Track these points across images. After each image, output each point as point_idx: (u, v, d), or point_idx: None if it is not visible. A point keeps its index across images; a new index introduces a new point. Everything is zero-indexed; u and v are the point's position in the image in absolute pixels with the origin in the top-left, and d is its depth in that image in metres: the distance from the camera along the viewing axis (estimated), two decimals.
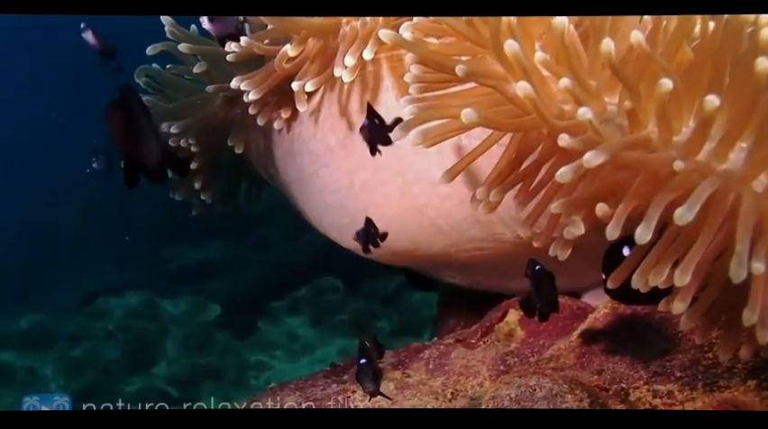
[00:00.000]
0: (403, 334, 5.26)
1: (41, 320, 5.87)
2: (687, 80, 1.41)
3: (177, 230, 6.11)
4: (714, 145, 1.34)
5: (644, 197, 1.36)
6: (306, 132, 2.06)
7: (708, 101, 1.25)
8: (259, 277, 6.00)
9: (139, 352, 5.37)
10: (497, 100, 1.49)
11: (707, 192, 1.28)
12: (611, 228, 1.33)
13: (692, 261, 1.31)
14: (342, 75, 1.81)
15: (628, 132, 1.39)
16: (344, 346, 5.27)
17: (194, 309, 5.79)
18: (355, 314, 5.40)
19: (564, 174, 1.32)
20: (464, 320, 2.27)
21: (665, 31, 1.46)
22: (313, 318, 5.54)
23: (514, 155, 1.53)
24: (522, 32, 1.51)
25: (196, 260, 6.46)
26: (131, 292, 5.90)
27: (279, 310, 5.59)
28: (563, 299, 1.90)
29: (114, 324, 5.62)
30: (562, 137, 1.35)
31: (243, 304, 5.66)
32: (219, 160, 2.44)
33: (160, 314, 5.74)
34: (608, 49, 1.30)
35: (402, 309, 5.40)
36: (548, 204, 1.48)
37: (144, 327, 5.58)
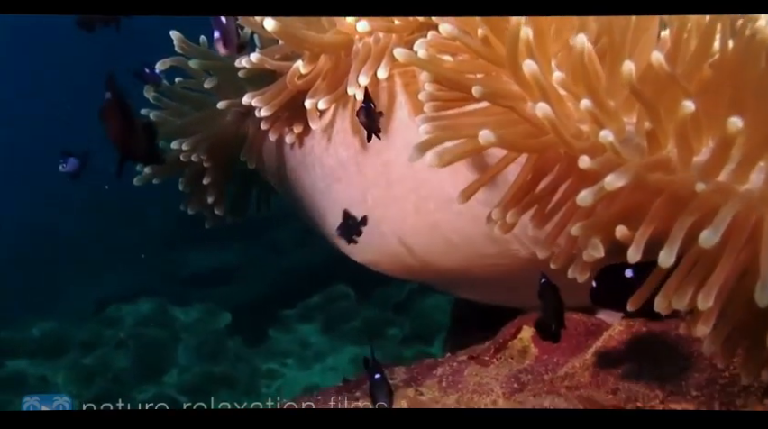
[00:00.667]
0: (414, 342, 5.26)
1: (53, 328, 5.87)
2: (706, 99, 1.38)
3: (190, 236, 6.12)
4: (734, 166, 1.32)
5: (663, 219, 1.34)
6: (318, 146, 2.06)
7: (732, 123, 1.22)
8: (270, 283, 6.00)
9: (150, 360, 5.37)
10: (512, 119, 1.47)
11: (731, 213, 1.26)
12: (632, 251, 1.31)
13: (715, 285, 1.29)
14: (356, 93, 1.80)
15: (648, 152, 1.36)
16: (356, 354, 5.26)
17: (205, 317, 5.79)
18: (367, 325, 5.39)
19: (585, 198, 1.31)
20: (478, 334, 2.25)
21: (685, 49, 1.43)
22: (324, 326, 5.53)
23: (530, 175, 1.51)
24: (538, 50, 1.49)
25: (210, 266, 6.46)
26: (143, 299, 5.91)
27: (291, 318, 5.59)
28: (578, 316, 1.88)
29: (126, 332, 5.62)
30: (582, 159, 1.33)
31: (255, 311, 5.65)
32: (231, 173, 2.43)
33: (172, 321, 5.73)
34: (628, 71, 1.28)
35: (413, 316, 5.39)
36: (566, 225, 1.46)
37: (156, 335, 5.57)
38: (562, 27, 1.56)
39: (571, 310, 1.91)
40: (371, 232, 1.98)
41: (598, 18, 1.56)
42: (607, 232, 1.36)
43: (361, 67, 1.81)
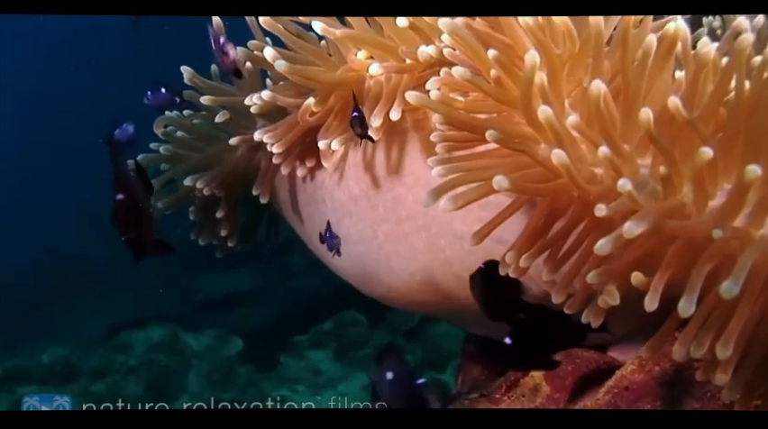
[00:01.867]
0: (426, 368, 5.23)
1: (63, 354, 5.86)
2: (721, 141, 1.37)
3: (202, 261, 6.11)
4: (750, 210, 1.30)
5: (679, 264, 1.33)
6: (329, 181, 2.05)
7: (750, 170, 1.22)
8: (282, 309, 5.99)
9: (161, 387, 5.35)
10: (526, 162, 1.46)
11: (749, 261, 1.25)
12: (649, 299, 1.30)
13: (734, 333, 1.28)
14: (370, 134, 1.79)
15: (662, 196, 1.35)
16: (367, 381, 5.23)
17: (217, 343, 5.77)
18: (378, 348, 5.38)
19: (603, 246, 1.30)
20: (488, 369, 2.23)
21: (701, 92, 1.42)
22: (335, 352, 5.51)
23: (543, 218, 1.50)
24: (552, 92, 1.48)
25: (222, 291, 6.45)
26: (154, 325, 5.90)
27: (302, 344, 5.57)
28: (590, 353, 1.87)
29: (137, 359, 5.61)
30: (599, 208, 1.32)
31: (266, 337, 5.64)
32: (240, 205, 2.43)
33: (183, 348, 5.72)
34: (647, 118, 1.26)
35: (425, 343, 5.36)
36: (580, 269, 1.45)
37: (167, 362, 5.56)
38: (575, 66, 1.55)
39: (584, 347, 1.89)
40: (381, 267, 1.97)
41: (612, 56, 1.55)
42: (622, 278, 1.35)
43: (372, 107, 1.80)
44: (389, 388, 1.65)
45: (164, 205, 2.37)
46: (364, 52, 1.87)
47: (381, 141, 1.86)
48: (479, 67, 1.57)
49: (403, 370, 1.67)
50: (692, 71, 1.42)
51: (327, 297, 5.24)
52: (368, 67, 1.84)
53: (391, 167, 1.88)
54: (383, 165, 1.90)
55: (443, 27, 1.59)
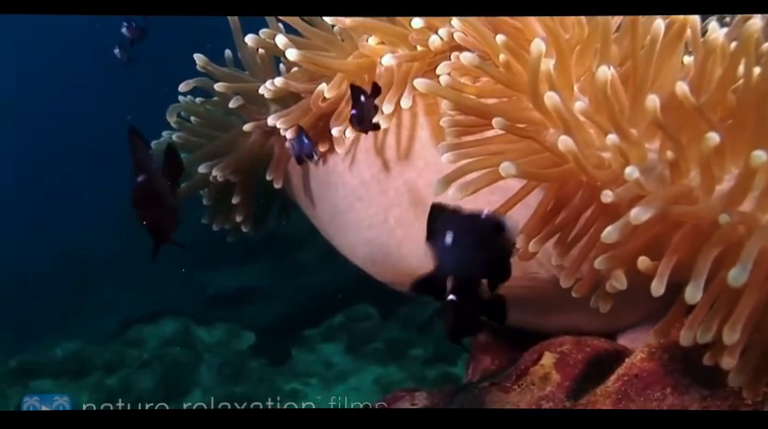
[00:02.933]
0: (438, 362, 5.23)
1: (77, 348, 5.88)
2: (729, 127, 1.37)
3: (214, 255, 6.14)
4: (758, 194, 1.31)
5: (686, 249, 1.34)
6: (341, 165, 2.06)
7: (756, 156, 1.22)
8: (294, 303, 6.00)
9: (173, 381, 5.37)
10: (534, 147, 1.46)
11: (756, 248, 1.25)
12: (656, 284, 1.31)
13: (741, 318, 1.28)
14: (379, 121, 1.79)
15: (670, 181, 1.35)
16: (379, 374, 5.23)
17: (229, 337, 5.79)
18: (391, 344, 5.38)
19: (610, 234, 1.31)
20: (499, 358, 2.23)
21: (710, 77, 1.42)
22: (347, 346, 5.51)
23: (551, 203, 1.50)
24: (560, 77, 1.48)
25: (234, 285, 6.47)
26: (167, 319, 5.92)
27: (314, 337, 5.58)
28: (599, 341, 1.87)
29: (150, 353, 5.63)
30: (605, 194, 1.33)
31: (278, 331, 5.65)
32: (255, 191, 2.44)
33: (195, 342, 5.74)
34: (653, 105, 1.27)
35: (437, 336, 5.36)
36: (588, 253, 1.45)
37: (179, 356, 5.58)
38: (584, 51, 1.55)
39: (593, 335, 1.89)
40: (392, 251, 1.97)
41: (622, 41, 1.55)
42: (629, 263, 1.36)
43: (384, 94, 1.81)
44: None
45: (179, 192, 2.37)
46: (375, 38, 1.87)
47: (392, 125, 1.87)
48: (488, 52, 1.58)
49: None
50: (701, 57, 1.42)
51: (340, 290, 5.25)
52: (379, 52, 1.84)
53: (402, 151, 1.89)
54: (394, 150, 1.91)
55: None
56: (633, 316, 1.81)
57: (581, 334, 1.90)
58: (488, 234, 1.25)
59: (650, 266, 1.33)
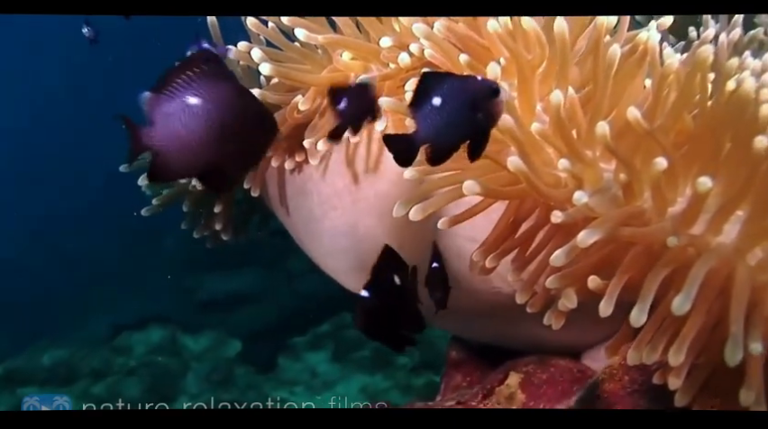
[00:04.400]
0: (424, 370, 5.25)
1: (64, 356, 5.90)
2: (685, 150, 1.40)
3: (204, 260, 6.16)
4: (709, 217, 1.34)
5: (637, 270, 1.36)
6: (316, 174, 2.08)
7: (701, 183, 1.25)
8: (282, 310, 6.02)
9: (160, 388, 5.38)
10: (494, 165, 1.49)
11: (701, 274, 1.27)
12: (604, 304, 1.34)
13: (686, 340, 1.30)
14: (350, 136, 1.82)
15: (623, 202, 1.38)
16: (365, 383, 5.25)
17: (215, 345, 5.81)
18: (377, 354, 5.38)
19: (558, 257, 1.35)
20: (471, 375, 2.25)
21: (665, 101, 1.45)
22: (333, 354, 5.53)
23: (511, 219, 1.53)
24: (522, 97, 1.51)
25: (223, 291, 6.49)
26: (154, 326, 5.93)
27: (300, 345, 5.60)
28: (564, 362, 1.89)
29: (136, 360, 5.65)
30: (555, 214, 1.37)
31: (265, 338, 5.67)
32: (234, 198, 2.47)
33: (182, 349, 5.76)
34: (602, 131, 1.31)
35: (422, 345, 5.36)
36: (543, 271, 1.48)
37: (166, 363, 5.59)
38: (549, 71, 1.58)
39: (559, 355, 1.91)
40: (362, 261, 1.99)
41: (584, 64, 1.58)
42: (582, 282, 1.38)
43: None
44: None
45: (159, 201, 2.40)
46: (348, 53, 1.90)
47: (364, 138, 1.90)
48: (453, 70, 1.61)
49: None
50: (657, 81, 1.45)
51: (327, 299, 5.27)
52: (352, 67, 1.88)
53: (374, 164, 1.92)
54: (366, 162, 1.94)
55: (417, 33, 1.63)
56: (596, 333, 1.83)
57: (546, 350, 1.92)
58: (480, 98, 1.24)
59: (600, 285, 1.36)
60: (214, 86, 1.36)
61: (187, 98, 1.35)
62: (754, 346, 1.24)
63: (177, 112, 1.35)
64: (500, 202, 1.56)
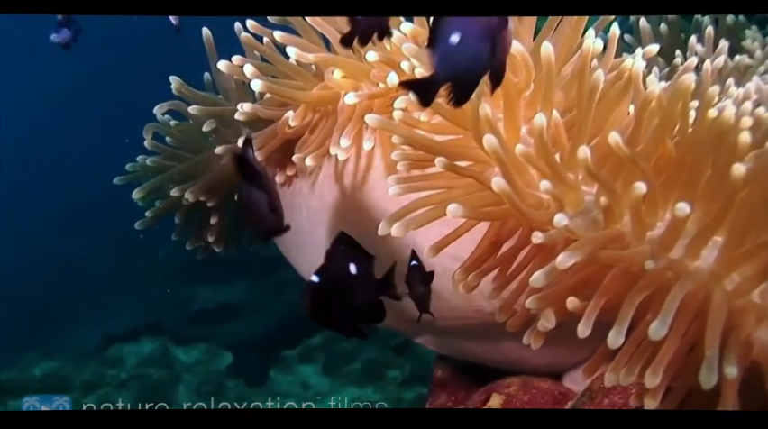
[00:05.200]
0: (414, 383, 5.26)
1: (55, 367, 5.90)
2: (666, 175, 1.42)
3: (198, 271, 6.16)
4: (688, 241, 1.36)
5: (615, 292, 1.38)
6: (306, 188, 2.10)
7: (679, 208, 1.27)
8: (273, 322, 6.03)
9: (151, 400, 5.37)
10: (478, 185, 1.52)
11: (678, 299, 1.30)
12: (582, 325, 1.36)
13: (662, 362, 1.32)
14: (338, 153, 1.84)
15: (603, 225, 1.41)
16: (356, 395, 5.25)
17: (207, 357, 5.81)
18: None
19: (538, 279, 1.37)
20: (455, 395, 2.26)
21: (647, 127, 1.47)
22: (324, 366, 5.54)
23: (493, 238, 1.55)
24: (507, 119, 1.54)
25: (216, 301, 6.50)
26: (146, 338, 5.94)
27: (292, 358, 5.60)
28: (546, 384, 1.90)
29: (128, 373, 5.65)
30: (535, 235, 1.39)
31: (257, 350, 5.67)
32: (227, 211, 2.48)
33: (173, 362, 5.76)
34: (583, 155, 1.33)
35: (413, 358, 5.39)
36: (523, 291, 1.50)
37: (157, 375, 5.60)
38: (535, 95, 1.61)
39: (541, 376, 1.93)
40: None
41: (570, 89, 1.61)
42: (560, 303, 1.40)
43: (344, 125, 1.86)
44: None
45: (152, 214, 2.41)
46: (339, 71, 1.92)
47: (353, 155, 1.92)
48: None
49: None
50: (639, 107, 1.48)
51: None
52: (343, 85, 1.89)
53: (361, 180, 1.93)
54: (354, 178, 1.95)
55: (406, 52, 1.66)
56: (577, 354, 1.85)
57: (528, 369, 1.94)
58: (495, 31, 1.21)
59: (578, 307, 1.37)
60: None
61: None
62: (729, 370, 1.26)
63: None
64: (485, 222, 1.59)
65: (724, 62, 2.04)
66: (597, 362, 1.47)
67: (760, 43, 2.31)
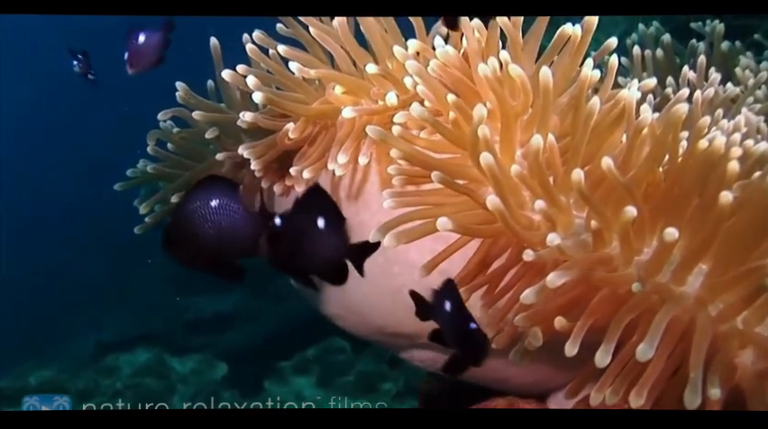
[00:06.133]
0: (408, 397, 5.26)
1: (50, 377, 5.89)
2: (654, 202, 1.46)
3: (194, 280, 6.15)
4: (674, 267, 1.40)
5: (602, 313, 1.42)
6: None
7: (668, 233, 1.31)
8: (269, 332, 6.03)
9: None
10: (471, 203, 1.55)
11: (664, 322, 1.34)
12: (569, 345, 1.39)
13: (647, 383, 1.37)
14: (335, 169, 1.87)
15: (592, 248, 1.44)
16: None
17: (201, 367, 5.81)
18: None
19: (528, 296, 1.40)
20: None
21: (638, 154, 1.51)
22: (319, 378, 5.54)
23: (483, 256, 1.58)
24: (504, 141, 1.57)
25: (212, 310, 6.50)
26: (141, 347, 5.93)
27: (286, 369, 5.60)
28: (531, 405, 1.92)
29: (122, 383, 5.65)
30: (527, 253, 1.42)
31: (252, 361, 5.67)
32: None
33: (168, 372, 5.76)
34: (578, 178, 1.37)
35: (408, 371, 5.39)
36: (511, 308, 1.53)
37: (152, 386, 5.60)
38: (532, 119, 1.64)
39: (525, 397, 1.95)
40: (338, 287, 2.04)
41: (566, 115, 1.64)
42: (548, 322, 1.43)
43: (342, 141, 1.88)
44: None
45: (152, 219, 2.43)
46: (340, 86, 1.96)
47: (350, 169, 1.94)
48: (441, 109, 1.67)
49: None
50: (632, 134, 1.52)
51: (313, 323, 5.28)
52: (343, 101, 1.92)
53: (358, 193, 1.96)
54: (351, 191, 1.98)
55: (410, 69, 1.69)
56: (563, 374, 1.87)
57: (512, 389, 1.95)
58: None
59: (566, 326, 1.41)
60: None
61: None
62: (713, 391, 1.31)
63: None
64: (476, 240, 1.62)
65: (714, 93, 2.07)
66: (579, 384, 1.50)
67: (753, 71, 2.35)
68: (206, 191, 1.74)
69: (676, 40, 2.63)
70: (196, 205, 1.70)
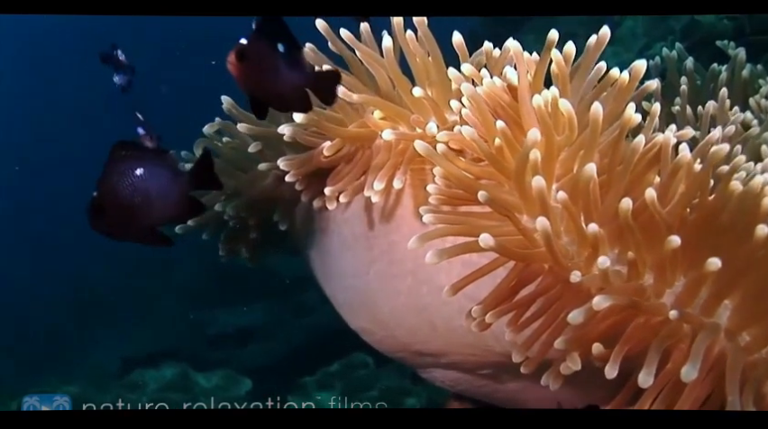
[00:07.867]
0: None
1: (76, 392, 5.89)
2: (684, 238, 1.50)
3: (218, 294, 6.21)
4: (703, 301, 1.48)
5: (636, 341, 1.48)
6: (340, 215, 2.15)
7: (711, 263, 1.39)
8: (293, 347, 6.04)
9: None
10: (508, 229, 1.59)
11: (704, 346, 1.40)
12: (609, 369, 1.45)
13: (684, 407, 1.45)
14: (372, 196, 1.91)
15: (626, 280, 1.50)
16: None
17: (226, 383, 5.82)
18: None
19: (575, 317, 1.44)
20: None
21: (673, 191, 1.57)
22: (342, 394, 5.53)
23: (514, 282, 1.62)
24: (545, 171, 1.62)
25: (236, 325, 6.51)
26: (166, 363, 5.95)
27: (310, 385, 5.60)
28: None
29: (148, 398, 5.67)
30: (574, 274, 1.48)
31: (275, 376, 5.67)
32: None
33: (193, 387, 5.77)
34: (626, 206, 1.44)
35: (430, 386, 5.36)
36: (542, 334, 1.58)
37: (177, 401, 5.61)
38: (571, 154, 1.69)
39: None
40: (367, 301, 2.09)
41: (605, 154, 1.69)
42: (585, 347, 1.49)
43: (379, 168, 1.93)
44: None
45: (194, 222, 2.46)
46: (379, 112, 2.00)
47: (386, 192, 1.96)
48: (485, 134, 1.71)
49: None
50: (668, 173, 1.57)
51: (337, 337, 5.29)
52: (380, 126, 1.97)
53: (391, 216, 2.01)
54: (384, 213, 2.03)
55: (464, 91, 1.74)
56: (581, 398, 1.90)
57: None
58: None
59: (602, 353, 1.47)
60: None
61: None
62: None
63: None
64: (503, 268, 1.65)
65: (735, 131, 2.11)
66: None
67: None
68: (128, 160, 1.67)
69: (694, 56, 2.68)
70: (121, 175, 1.65)
